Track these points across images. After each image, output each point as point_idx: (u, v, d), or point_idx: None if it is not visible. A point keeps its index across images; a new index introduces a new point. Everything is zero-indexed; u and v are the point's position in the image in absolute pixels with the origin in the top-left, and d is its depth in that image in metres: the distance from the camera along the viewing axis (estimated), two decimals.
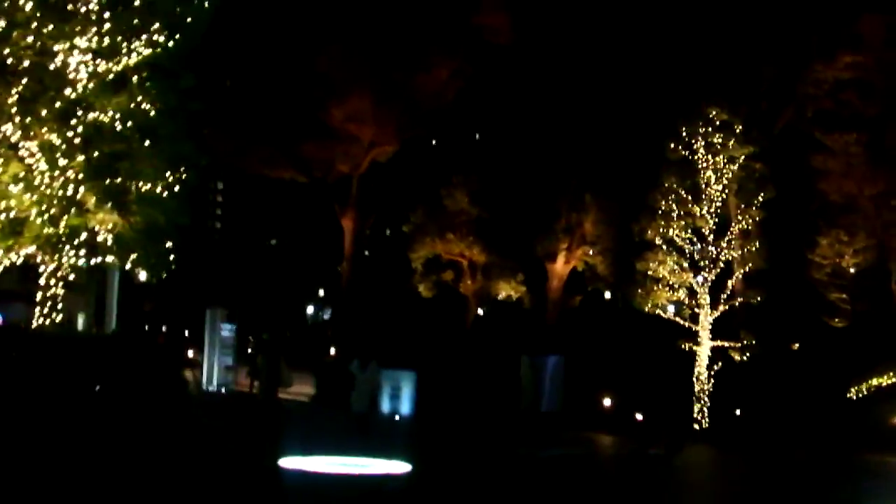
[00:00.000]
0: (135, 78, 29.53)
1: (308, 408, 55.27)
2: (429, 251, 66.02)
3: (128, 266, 30.26)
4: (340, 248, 69.28)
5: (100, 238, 29.35)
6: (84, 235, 29.11)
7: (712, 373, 49.35)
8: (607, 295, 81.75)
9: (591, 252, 64.41)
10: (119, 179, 29.18)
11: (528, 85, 64.24)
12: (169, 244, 30.58)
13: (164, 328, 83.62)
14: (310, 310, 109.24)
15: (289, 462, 30.34)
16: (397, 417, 50.98)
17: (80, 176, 28.33)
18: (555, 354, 54.07)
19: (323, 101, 62.64)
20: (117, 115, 29.04)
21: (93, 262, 29.23)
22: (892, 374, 50.85)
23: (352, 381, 39.16)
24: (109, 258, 29.43)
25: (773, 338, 52.05)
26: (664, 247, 49.33)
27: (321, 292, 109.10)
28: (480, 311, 75.86)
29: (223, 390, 58.43)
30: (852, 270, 57.03)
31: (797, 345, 58.46)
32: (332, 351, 66.04)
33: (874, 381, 50.95)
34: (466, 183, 65.56)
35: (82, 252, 28.78)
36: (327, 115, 62.88)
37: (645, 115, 56.68)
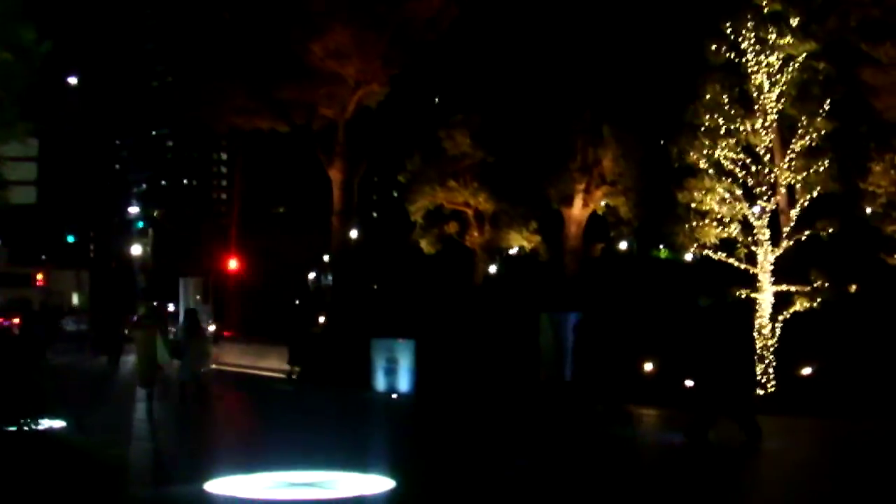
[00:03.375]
0: None
1: (281, 388, 43.70)
2: (429, 201, 54.47)
3: None
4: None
5: None
6: None
7: (777, 325, 36.81)
8: (623, 245, 69.46)
9: (612, 192, 51.68)
10: None
11: (530, 2, 51.75)
12: None
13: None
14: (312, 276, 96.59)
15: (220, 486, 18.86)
16: (394, 396, 39.28)
17: None
18: (578, 311, 41.88)
19: (300, 37, 50.11)
20: None
21: None
22: None
23: None
24: None
25: (837, 280, 39.21)
26: (710, 172, 36.85)
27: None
28: (494, 268, 64.01)
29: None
30: None
31: (854, 287, 45.07)
32: (322, 320, 54.42)
33: None
34: (467, 122, 53.80)
35: None
36: (305, 52, 50.52)
37: (673, 13, 43.99)
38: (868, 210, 43.21)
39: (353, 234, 77.28)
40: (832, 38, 38.56)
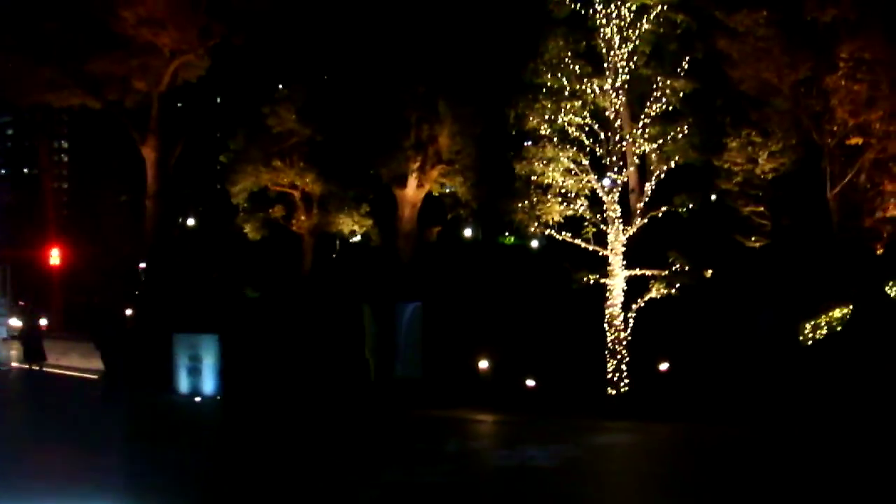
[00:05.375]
0: None
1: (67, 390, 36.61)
2: (252, 183, 47.42)
3: None
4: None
5: None
6: None
7: (630, 315, 30.74)
8: (468, 232, 63.07)
9: (449, 171, 45.42)
10: None
11: None
12: None
13: None
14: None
15: None
16: (197, 400, 32.50)
17: None
18: (411, 301, 35.68)
19: (109, 4, 43.24)
20: None
21: None
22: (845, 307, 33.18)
23: None
24: None
25: (696, 263, 33.20)
26: (553, 139, 30.52)
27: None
28: (334, 255, 57.22)
29: None
30: (769, 177, 38.02)
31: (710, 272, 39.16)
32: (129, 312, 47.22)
33: (836, 314, 33.16)
34: (293, 97, 46.93)
35: None
36: (116, 20, 43.75)
37: None
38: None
39: (191, 221, 70.32)
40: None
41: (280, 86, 47.60)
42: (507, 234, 62.61)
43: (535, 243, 52.33)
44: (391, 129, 45.04)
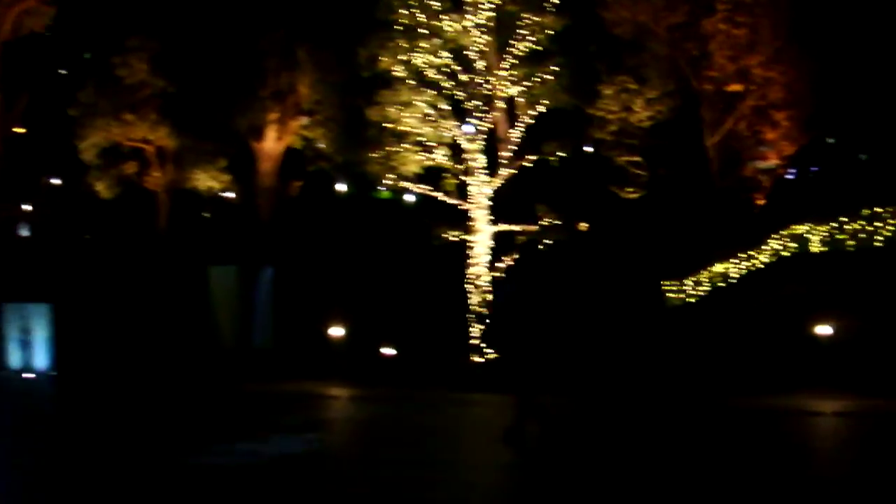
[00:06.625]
0: None
1: None
2: (103, 138, 42.78)
3: None
4: None
5: None
6: None
7: (497, 275, 27.39)
8: (343, 187, 59.26)
9: (310, 122, 42.05)
10: None
11: None
12: None
13: None
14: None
15: None
16: (30, 376, 28.60)
17: None
18: (263, 263, 32.14)
19: None
20: None
21: None
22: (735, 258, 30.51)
23: None
24: None
25: (568, 216, 30.05)
26: (409, 81, 26.93)
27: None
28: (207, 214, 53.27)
29: None
30: (646, 126, 35.35)
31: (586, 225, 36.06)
32: None
33: (717, 269, 30.51)
34: (145, 47, 42.33)
35: None
36: None
37: None
38: None
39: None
40: None
41: (131, 34, 43.52)
42: (380, 188, 59.01)
43: (412, 198, 48.80)
44: (248, 79, 41.23)
